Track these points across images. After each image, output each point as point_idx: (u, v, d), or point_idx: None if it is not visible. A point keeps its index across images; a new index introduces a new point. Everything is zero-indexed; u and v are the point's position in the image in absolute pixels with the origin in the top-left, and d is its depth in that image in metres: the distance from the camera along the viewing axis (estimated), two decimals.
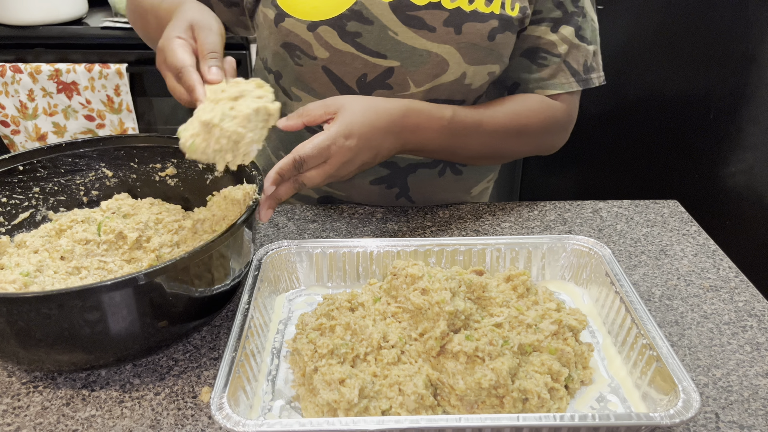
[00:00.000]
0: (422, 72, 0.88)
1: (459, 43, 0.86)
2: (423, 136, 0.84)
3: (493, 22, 0.86)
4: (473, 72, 0.89)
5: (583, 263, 0.79)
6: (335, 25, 0.85)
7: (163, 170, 0.88)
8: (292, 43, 0.88)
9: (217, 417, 0.55)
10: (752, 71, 1.86)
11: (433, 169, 1.00)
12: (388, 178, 0.99)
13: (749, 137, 1.94)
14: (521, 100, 0.94)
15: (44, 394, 0.65)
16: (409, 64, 0.88)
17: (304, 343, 0.65)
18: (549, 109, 0.94)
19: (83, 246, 0.76)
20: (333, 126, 0.75)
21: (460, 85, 0.90)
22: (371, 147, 0.78)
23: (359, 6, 0.84)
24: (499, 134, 0.91)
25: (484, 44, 0.87)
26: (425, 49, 0.86)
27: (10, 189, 0.81)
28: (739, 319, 0.76)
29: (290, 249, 0.80)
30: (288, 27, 0.87)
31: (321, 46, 0.87)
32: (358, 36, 0.86)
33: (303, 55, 0.89)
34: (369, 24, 0.85)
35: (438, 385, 0.62)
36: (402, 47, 0.86)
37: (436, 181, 1.01)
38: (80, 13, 2.03)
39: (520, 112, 0.92)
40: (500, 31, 0.87)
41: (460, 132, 0.87)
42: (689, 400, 0.56)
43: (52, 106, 1.98)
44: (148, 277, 0.58)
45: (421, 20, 0.85)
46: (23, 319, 0.57)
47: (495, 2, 0.86)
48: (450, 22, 0.85)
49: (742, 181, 2.00)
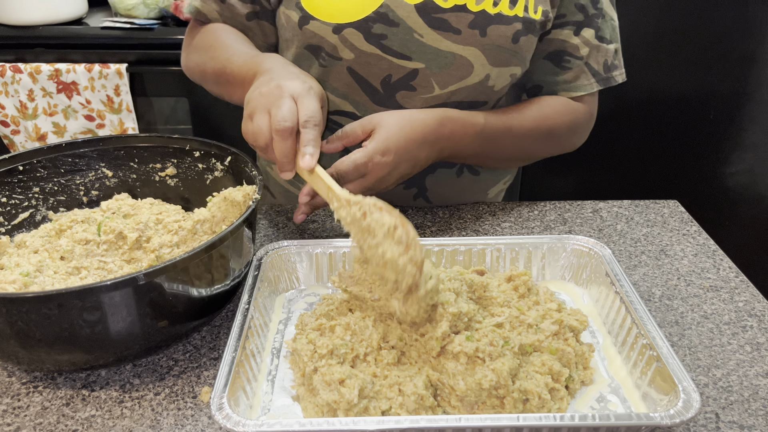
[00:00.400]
0: (447, 74, 0.89)
1: (484, 45, 0.87)
2: (458, 143, 0.87)
3: (517, 24, 0.87)
4: (497, 74, 0.90)
5: (583, 263, 0.79)
6: (361, 28, 0.86)
7: (163, 170, 0.88)
8: (317, 45, 0.89)
9: (217, 417, 0.55)
10: (752, 71, 1.86)
11: (452, 169, 1.00)
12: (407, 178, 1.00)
13: (749, 137, 1.94)
14: (547, 102, 0.96)
15: (44, 394, 0.65)
16: (433, 66, 0.88)
17: (303, 344, 0.65)
18: (573, 111, 0.97)
19: (83, 246, 0.76)
20: (371, 143, 0.78)
21: (483, 86, 0.91)
22: (409, 159, 0.81)
23: (385, 8, 0.85)
24: (529, 137, 0.93)
25: (508, 46, 0.88)
26: (450, 51, 0.87)
27: (10, 189, 0.81)
28: (739, 319, 0.76)
29: (290, 249, 0.80)
30: (313, 29, 0.88)
31: (346, 47, 0.88)
32: (384, 38, 0.87)
33: (328, 57, 0.90)
34: (395, 26, 0.86)
35: (438, 385, 0.62)
36: (427, 49, 0.87)
37: (454, 181, 1.02)
38: (80, 13, 2.03)
39: (547, 115, 0.94)
40: (524, 34, 0.88)
41: (492, 137, 0.89)
42: (689, 400, 0.56)
43: (52, 106, 1.98)
44: (147, 277, 0.58)
45: (447, 22, 0.86)
46: (23, 319, 0.57)
47: (519, 5, 0.87)
48: (475, 24, 0.86)
49: (742, 181, 2.00)
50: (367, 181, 0.78)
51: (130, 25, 1.94)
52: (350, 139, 0.80)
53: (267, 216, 0.99)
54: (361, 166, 0.77)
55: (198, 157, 0.85)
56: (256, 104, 0.72)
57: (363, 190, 0.78)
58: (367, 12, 0.85)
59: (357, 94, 0.92)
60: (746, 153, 1.96)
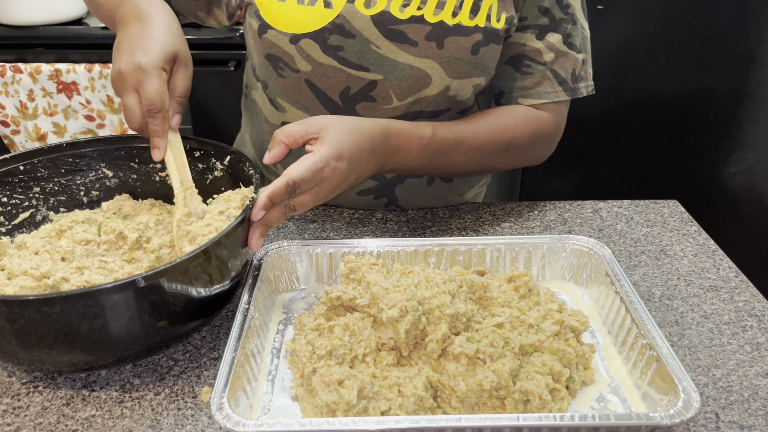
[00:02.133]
0: (405, 85, 0.87)
1: (441, 57, 0.85)
2: (404, 157, 0.83)
3: (477, 35, 0.85)
4: (458, 85, 0.88)
5: (583, 263, 0.79)
6: (317, 38, 0.85)
7: (163, 170, 0.88)
8: (275, 55, 0.88)
9: (217, 417, 0.55)
10: (752, 71, 1.86)
11: (422, 179, 0.99)
12: (376, 189, 0.98)
13: (749, 137, 1.94)
14: (505, 112, 0.91)
15: (44, 394, 0.65)
16: (391, 78, 0.86)
17: (302, 345, 0.65)
18: (535, 121, 0.91)
19: (84, 247, 0.76)
20: (322, 147, 0.71)
21: (444, 97, 0.89)
22: (358, 169, 0.76)
23: (341, 19, 0.83)
24: (484, 150, 0.88)
25: (467, 58, 0.86)
26: (407, 63, 0.85)
27: (10, 189, 0.81)
28: (739, 319, 0.76)
29: (290, 249, 0.80)
30: (271, 39, 0.87)
31: (303, 59, 0.86)
32: (341, 49, 0.85)
33: (286, 68, 0.88)
34: (351, 37, 0.84)
35: (438, 387, 0.62)
36: (384, 61, 0.85)
37: (425, 190, 1.00)
38: (80, 13, 2.03)
39: (504, 126, 0.89)
40: (484, 44, 0.85)
41: (442, 150, 0.85)
42: (689, 400, 0.56)
43: (52, 106, 1.98)
44: (147, 280, 0.58)
45: (403, 34, 0.84)
46: (23, 320, 0.57)
47: (480, 15, 0.84)
48: (432, 36, 0.84)
49: (742, 181, 2.00)
50: (321, 189, 0.71)
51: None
52: (292, 140, 0.73)
53: None
54: (318, 172, 0.70)
55: (197, 157, 0.85)
56: (114, 87, 0.74)
57: (317, 200, 0.72)
58: (323, 23, 0.84)
59: (316, 106, 0.91)
60: (746, 153, 1.96)
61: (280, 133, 0.74)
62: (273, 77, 0.91)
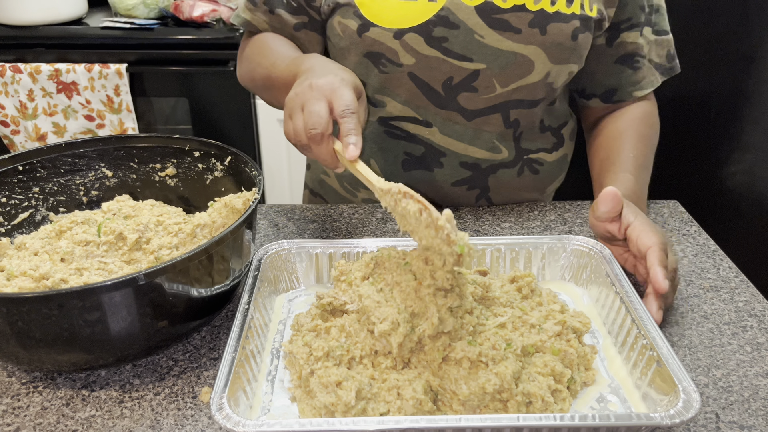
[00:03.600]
0: (508, 73, 0.90)
1: (544, 43, 0.88)
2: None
3: (575, 22, 0.89)
4: (557, 71, 0.92)
5: (583, 263, 0.79)
6: (422, 32, 0.87)
7: (162, 170, 0.88)
8: (377, 51, 0.90)
9: (217, 417, 0.55)
10: (752, 71, 1.86)
11: (513, 169, 1.01)
12: (470, 179, 1.00)
13: (749, 137, 1.94)
14: (622, 121, 1.00)
15: (44, 394, 0.65)
16: (495, 66, 0.89)
17: (299, 346, 0.64)
18: (651, 117, 1.02)
19: (83, 247, 0.76)
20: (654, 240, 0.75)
21: (543, 84, 0.92)
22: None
23: (446, 11, 0.86)
24: (648, 165, 0.97)
25: (568, 44, 0.89)
26: (511, 51, 0.88)
27: (9, 189, 0.81)
28: (739, 319, 0.76)
29: (290, 249, 0.80)
30: (373, 36, 0.88)
31: (407, 52, 0.88)
32: (445, 41, 0.87)
33: (388, 63, 0.90)
34: (455, 28, 0.87)
35: (439, 391, 0.61)
36: (488, 50, 0.88)
37: (514, 181, 1.02)
38: (80, 13, 2.03)
39: (643, 134, 0.99)
40: (582, 31, 0.90)
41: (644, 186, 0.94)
42: (689, 400, 0.56)
43: (52, 106, 1.98)
44: (148, 278, 0.58)
45: (507, 22, 0.87)
46: (23, 319, 0.57)
47: (575, 3, 0.88)
48: (535, 23, 0.87)
49: (742, 181, 1.99)
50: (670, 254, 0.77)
51: (130, 25, 1.94)
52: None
53: (267, 216, 0.99)
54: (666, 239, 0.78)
55: (198, 157, 0.85)
56: (292, 105, 0.74)
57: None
58: (427, 16, 0.86)
59: (418, 98, 0.93)
60: (746, 153, 1.95)
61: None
62: (373, 74, 0.93)
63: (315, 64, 0.79)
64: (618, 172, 0.92)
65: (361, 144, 0.70)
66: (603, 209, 0.78)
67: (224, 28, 1.95)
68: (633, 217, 0.78)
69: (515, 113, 0.95)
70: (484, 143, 0.97)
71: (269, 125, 2.06)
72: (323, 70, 0.76)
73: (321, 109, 0.70)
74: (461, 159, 0.98)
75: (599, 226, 0.80)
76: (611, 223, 0.79)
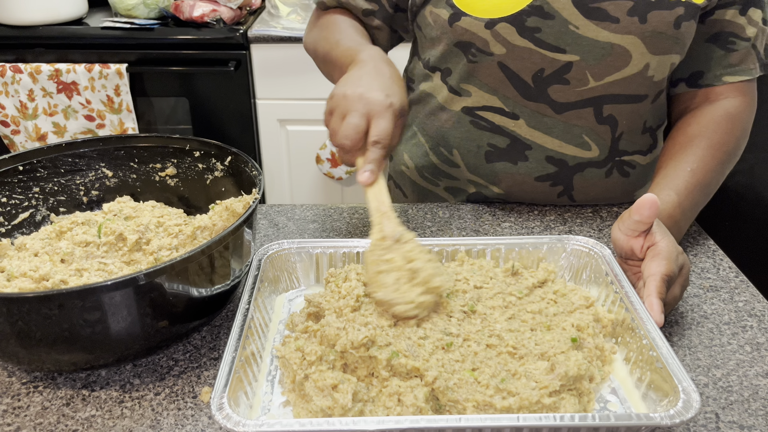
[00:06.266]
0: (603, 65, 0.87)
1: (644, 32, 0.85)
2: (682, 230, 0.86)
3: (680, 9, 0.84)
4: (657, 63, 0.88)
5: (583, 263, 0.79)
6: (515, 22, 0.86)
7: (163, 170, 0.88)
8: (467, 41, 0.89)
9: (217, 417, 0.55)
10: None
11: (601, 169, 0.98)
12: (555, 175, 0.97)
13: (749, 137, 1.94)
14: (699, 128, 0.90)
15: (44, 394, 0.65)
16: (589, 58, 0.87)
17: (291, 350, 0.63)
18: (734, 121, 0.92)
19: (83, 248, 0.76)
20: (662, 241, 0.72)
21: (642, 77, 0.89)
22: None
23: (540, 1, 0.84)
24: (716, 182, 0.92)
25: (670, 33, 0.85)
26: (608, 42, 0.85)
27: (10, 189, 0.81)
28: (739, 319, 0.76)
29: (290, 249, 0.80)
30: (464, 26, 0.88)
31: (498, 42, 0.87)
32: (538, 31, 0.86)
33: (478, 53, 0.89)
34: (550, 19, 0.85)
35: (442, 400, 0.60)
36: (582, 41, 0.86)
37: (602, 181, 0.99)
38: (80, 13, 2.03)
39: (721, 142, 0.90)
40: (686, 19, 0.85)
41: (691, 209, 0.87)
42: (689, 400, 0.56)
43: (52, 106, 1.98)
44: (148, 277, 0.58)
45: (604, 12, 0.84)
46: (24, 319, 0.57)
47: None
48: (635, 11, 0.84)
49: (742, 181, 1.99)
50: (682, 276, 0.73)
51: (130, 25, 1.94)
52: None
53: (267, 216, 0.99)
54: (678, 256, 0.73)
55: (198, 157, 0.85)
56: (336, 105, 0.74)
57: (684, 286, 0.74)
58: (521, 5, 0.85)
59: (506, 89, 0.92)
60: (746, 153, 1.95)
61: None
62: (461, 63, 0.92)
63: (371, 60, 0.79)
64: (662, 190, 0.85)
65: (377, 175, 0.72)
66: (636, 217, 0.71)
67: (224, 28, 1.95)
68: (659, 238, 0.72)
69: (609, 108, 0.91)
70: (573, 138, 0.94)
71: (269, 125, 2.06)
72: (377, 77, 0.76)
73: (359, 125, 0.72)
74: (548, 153, 0.95)
75: (623, 241, 0.75)
76: (636, 238, 0.73)
